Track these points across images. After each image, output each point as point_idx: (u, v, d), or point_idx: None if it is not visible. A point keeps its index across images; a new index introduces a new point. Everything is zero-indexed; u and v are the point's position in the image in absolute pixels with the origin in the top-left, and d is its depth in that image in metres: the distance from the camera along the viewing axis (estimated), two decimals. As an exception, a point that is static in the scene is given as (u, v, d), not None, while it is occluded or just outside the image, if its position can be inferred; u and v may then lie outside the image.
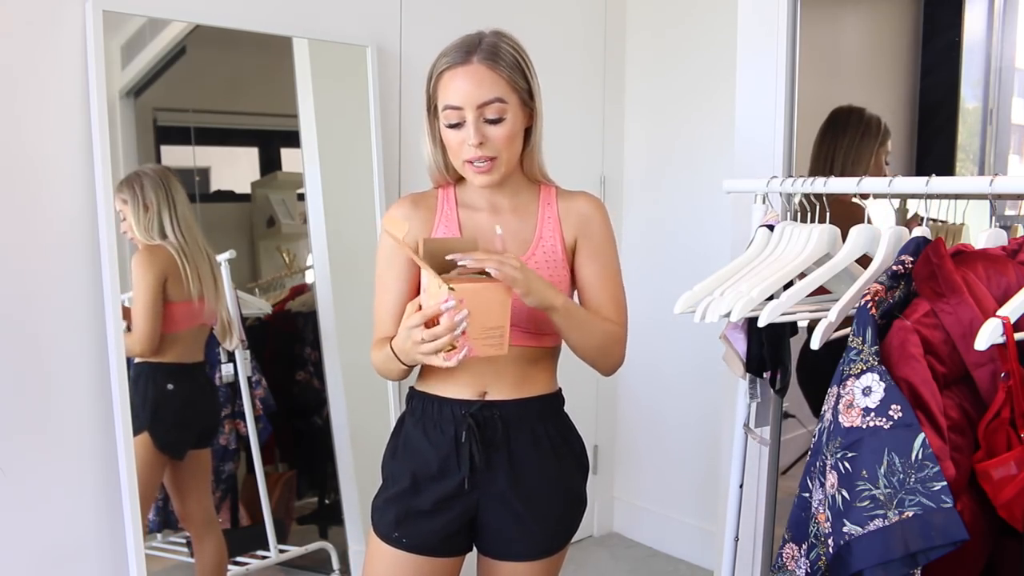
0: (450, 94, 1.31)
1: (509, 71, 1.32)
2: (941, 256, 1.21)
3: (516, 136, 1.36)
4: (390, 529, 1.40)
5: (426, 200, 1.45)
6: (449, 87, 1.32)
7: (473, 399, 1.39)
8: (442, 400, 1.40)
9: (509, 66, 1.33)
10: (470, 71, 1.31)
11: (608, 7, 2.92)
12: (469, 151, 1.32)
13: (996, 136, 2.27)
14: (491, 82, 1.31)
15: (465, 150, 1.33)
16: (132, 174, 1.94)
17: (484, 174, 1.34)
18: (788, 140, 2.19)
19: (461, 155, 1.34)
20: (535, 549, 1.42)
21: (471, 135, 1.31)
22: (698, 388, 2.78)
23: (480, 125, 1.31)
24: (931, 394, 1.13)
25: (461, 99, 1.30)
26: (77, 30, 1.80)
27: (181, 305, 2.01)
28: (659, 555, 2.95)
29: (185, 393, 2.07)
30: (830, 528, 1.13)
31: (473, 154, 1.32)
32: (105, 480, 1.87)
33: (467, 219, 1.42)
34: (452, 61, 1.32)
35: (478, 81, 1.30)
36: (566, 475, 1.44)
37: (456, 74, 1.31)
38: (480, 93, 1.30)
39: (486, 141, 1.32)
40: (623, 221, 3.01)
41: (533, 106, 1.38)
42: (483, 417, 1.38)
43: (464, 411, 1.38)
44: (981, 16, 2.27)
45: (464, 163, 1.35)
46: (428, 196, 1.46)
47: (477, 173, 1.34)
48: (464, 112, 1.31)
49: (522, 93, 1.35)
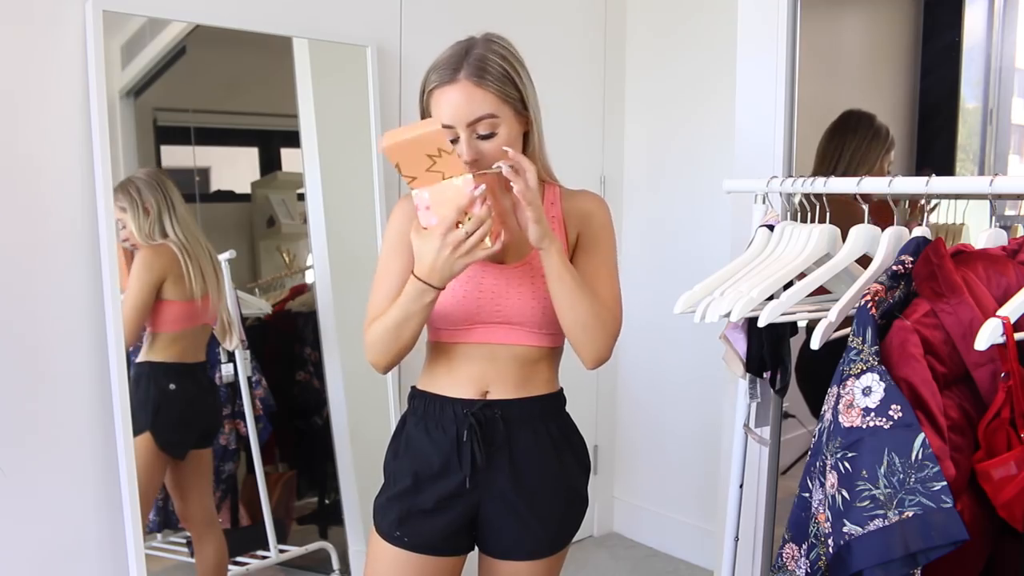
0: (441, 112, 1.31)
1: (498, 84, 1.30)
2: (941, 256, 1.21)
3: (512, 145, 1.34)
4: (392, 528, 1.40)
5: None
6: (440, 105, 1.31)
7: (475, 398, 1.39)
8: (444, 399, 1.40)
9: (497, 79, 1.31)
10: (457, 89, 1.29)
11: (608, 7, 2.92)
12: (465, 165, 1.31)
13: (996, 136, 2.27)
14: (480, 99, 1.29)
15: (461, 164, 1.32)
16: (125, 180, 1.93)
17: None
18: (788, 140, 2.19)
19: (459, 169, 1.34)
20: (537, 548, 1.42)
21: (464, 152, 1.30)
22: (698, 388, 2.78)
23: (472, 142, 1.30)
24: (931, 394, 1.13)
25: (451, 118, 1.30)
26: (77, 30, 1.80)
27: (183, 304, 2.01)
28: (659, 555, 2.95)
29: (187, 393, 2.07)
30: (830, 528, 1.13)
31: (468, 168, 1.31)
32: (105, 480, 1.87)
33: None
34: (440, 79, 1.31)
35: (467, 99, 1.29)
36: (568, 474, 1.45)
37: (444, 92, 1.30)
38: (469, 111, 1.29)
39: (480, 157, 1.31)
40: (623, 221, 3.01)
41: (527, 113, 1.36)
42: (485, 417, 1.38)
43: (466, 410, 1.38)
44: (981, 16, 2.27)
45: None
46: None
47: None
48: (455, 129, 1.30)
49: (514, 103, 1.33)
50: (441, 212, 1.25)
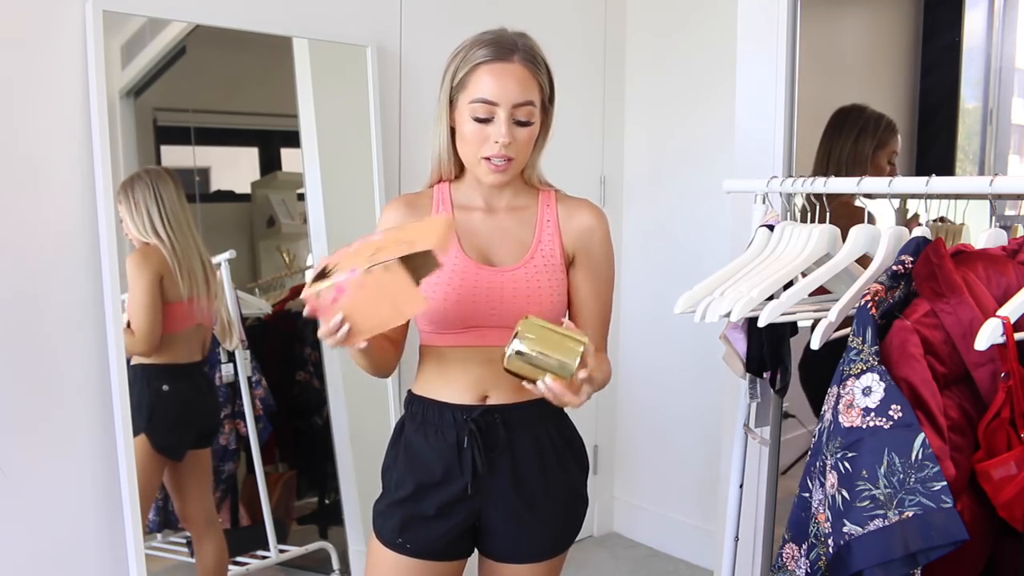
0: (486, 88, 1.30)
1: (544, 77, 1.35)
2: (941, 256, 1.21)
3: (533, 140, 1.37)
4: (394, 535, 1.40)
5: (420, 200, 1.44)
6: (485, 81, 1.30)
7: (474, 404, 1.38)
8: (443, 405, 1.39)
9: (545, 72, 1.35)
10: (512, 70, 1.31)
11: (608, 7, 2.92)
12: (492, 148, 1.31)
13: (996, 136, 2.27)
14: (529, 85, 1.32)
15: (487, 146, 1.32)
16: (130, 176, 1.94)
17: (499, 173, 1.34)
18: (788, 140, 2.19)
19: (481, 151, 1.33)
20: (539, 551, 1.42)
21: (503, 133, 1.30)
22: (698, 388, 2.78)
23: (511, 125, 1.31)
24: (931, 394, 1.13)
25: (499, 96, 1.30)
26: (77, 30, 1.80)
27: (174, 305, 2.00)
28: (659, 555, 2.95)
29: (182, 394, 2.07)
30: (830, 528, 1.13)
31: (496, 151, 1.31)
32: (105, 480, 1.87)
33: (462, 219, 1.41)
34: (492, 55, 1.31)
35: (519, 81, 1.31)
36: (569, 476, 1.44)
37: (496, 69, 1.30)
38: (519, 93, 1.31)
39: (513, 141, 1.32)
40: (623, 221, 3.01)
41: (551, 112, 1.39)
42: (485, 422, 1.37)
43: (465, 416, 1.37)
44: (981, 16, 2.27)
45: (481, 159, 1.33)
46: (422, 196, 1.45)
47: (492, 171, 1.34)
48: (497, 109, 1.30)
49: (546, 99, 1.37)
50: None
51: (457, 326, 1.37)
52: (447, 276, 1.35)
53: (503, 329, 1.35)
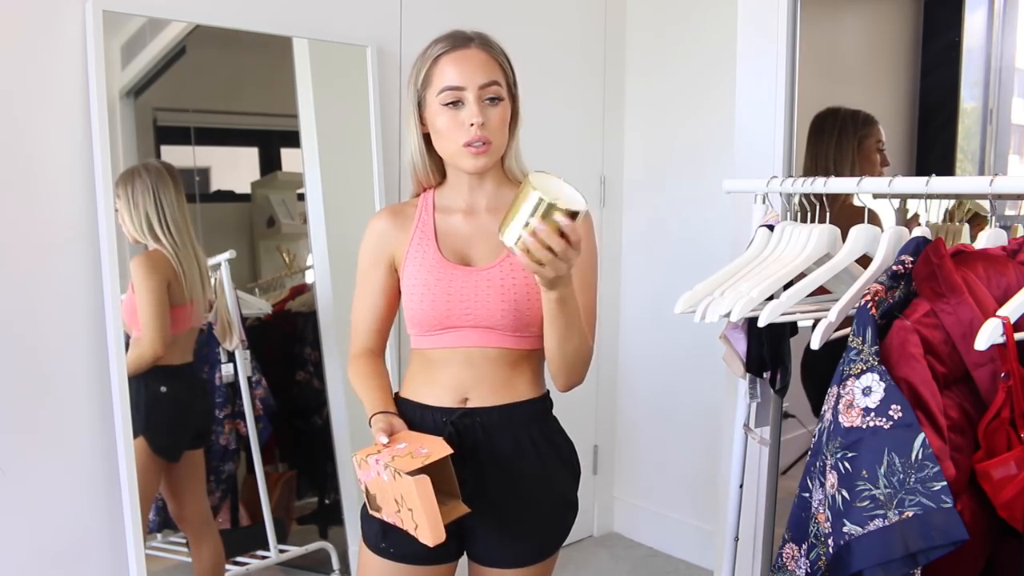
0: (450, 75, 1.33)
1: (503, 58, 1.39)
2: (941, 256, 1.21)
3: (507, 123, 1.38)
4: (377, 540, 1.39)
5: (405, 210, 1.46)
6: (447, 70, 1.34)
7: (454, 406, 1.38)
8: (424, 407, 1.40)
9: (502, 54, 1.39)
10: (471, 55, 1.35)
11: (608, 7, 2.92)
12: (468, 132, 1.32)
13: (996, 136, 2.28)
14: (491, 66, 1.36)
15: (463, 132, 1.33)
16: (131, 169, 1.93)
17: (481, 155, 1.34)
18: (788, 140, 2.19)
19: (458, 138, 1.34)
20: (523, 555, 1.41)
21: (475, 113, 1.32)
22: (698, 388, 2.78)
23: (482, 105, 1.33)
24: (931, 394, 1.13)
25: (463, 79, 1.33)
26: (77, 30, 1.80)
27: (178, 309, 2.00)
28: (659, 555, 2.96)
29: (178, 395, 2.06)
30: (830, 528, 1.13)
31: (473, 134, 1.32)
32: (105, 480, 1.87)
33: (442, 222, 1.42)
34: (450, 45, 1.35)
35: (480, 63, 1.34)
36: (554, 479, 1.42)
37: (456, 57, 1.34)
38: (483, 74, 1.34)
39: (487, 121, 1.33)
40: (623, 221, 3.01)
41: (514, 101, 1.41)
42: (464, 425, 1.37)
43: (445, 419, 1.37)
44: (981, 16, 2.27)
45: (461, 147, 1.34)
46: (408, 205, 1.47)
47: (474, 155, 1.34)
48: (465, 92, 1.33)
49: (509, 84, 1.39)
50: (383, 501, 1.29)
51: (435, 327, 1.37)
52: (423, 278, 1.37)
53: (481, 330, 1.36)
